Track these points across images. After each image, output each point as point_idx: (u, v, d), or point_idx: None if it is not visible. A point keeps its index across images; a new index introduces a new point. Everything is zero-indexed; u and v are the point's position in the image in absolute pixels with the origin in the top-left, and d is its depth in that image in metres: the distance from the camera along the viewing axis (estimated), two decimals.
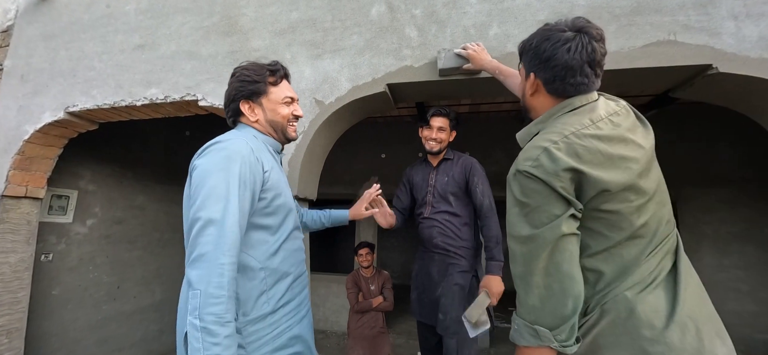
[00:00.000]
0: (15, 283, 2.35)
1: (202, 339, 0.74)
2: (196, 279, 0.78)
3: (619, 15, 1.54)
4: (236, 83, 1.10)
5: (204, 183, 0.87)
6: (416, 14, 1.74)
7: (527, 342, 0.75)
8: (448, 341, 1.74)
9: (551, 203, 0.73)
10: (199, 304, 0.76)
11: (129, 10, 2.26)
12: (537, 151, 0.76)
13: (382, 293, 2.79)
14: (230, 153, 0.92)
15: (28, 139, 2.31)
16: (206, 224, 0.83)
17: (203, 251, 0.80)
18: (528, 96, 0.91)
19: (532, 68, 0.87)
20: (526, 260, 0.75)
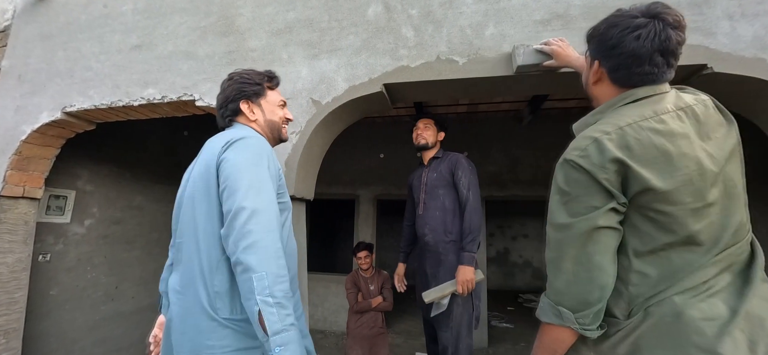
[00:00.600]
0: (12, 283, 2.35)
1: (277, 313, 0.81)
2: (257, 263, 0.82)
3: None
4: (236, 85, 1.16)
5: (241, 175, 0.91)
6: (412, 14, 1.74)
7: (549, 320, 0.79)
8: (444, 335, 1.80)
9: (592, 194, 0.73)
10: (268, 284, 0.81)
11: (126, 10, 2.26)
12: (586, 142, 0.75)
13: (382, 293, 2.79)
14: (258, 149, 0.98)
15: (25, 140, 2.31)
16: (253, 213, 0.86)
17: (258, 238, 0.84)
18: (590, 84, 0.89)
19: (596, 55, 0.85)
20: (558, 246, 0.76)
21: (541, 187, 4.45)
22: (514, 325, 5.38)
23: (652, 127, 0.73)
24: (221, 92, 1.18)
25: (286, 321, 0.81)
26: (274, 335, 0.79)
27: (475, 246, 1.79)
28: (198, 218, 0.96)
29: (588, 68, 0.90)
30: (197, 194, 0.98)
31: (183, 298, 0.96)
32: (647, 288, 0.73)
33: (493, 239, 8.29)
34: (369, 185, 4.96)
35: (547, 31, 1.58)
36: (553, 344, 0.80)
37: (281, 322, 0.80)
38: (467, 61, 1.64)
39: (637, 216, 0.73)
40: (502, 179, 4.55)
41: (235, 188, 0.89)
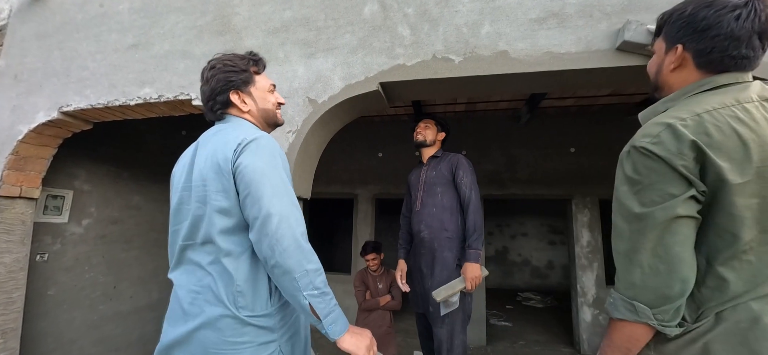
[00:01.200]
0: (10, 283, 2.35)
1: (324, 300, 0.91)
2: (296, 265, 0.89)
3: (610, 13, 1.55)
4: (221, 75, 1.09)
5: (263, 181, 0.92)
6: (409, 13, 1.74)
7: (622, 316, 0.73)
8: (437, 330, 1.82)
9: (668, 181, 0.68)
10: (311, 280, 0.89)
11: (122, 9, 2.25)
12: (659, 128, 0.71)
13: (390, 292, 2.80)
14: (272, 149, 0.99)
15: (22, 139, 2.31)
16: (282, 218, 0.90)
17: (290, 242, 0.89)
18: (667, 72, 0.83)
19: (679, 39, 0.79)
20: (632, 237, 0.72)
21: (539, 185, 4.46)
22: (513, 323, 5.39)
23: (734, 115, 0.68)
24: (205, 83, 1.11)
25: (331, 303, 0.92)
26: (326, 317, 0.91)
27: (480, 243, 1.82)
28: (214, 221, 0.95)
29: (662, 55, 0.85)
30: (211, 196, 0.96)
31: (199, 296, 0.96)
32: (722, 292, 0.69)
33: (492, 238, 8.30)
34: (367, 184, 4.96)
35: (543, 30, 1.59)
36: (627, 343, 0.75)
37: (328, 305, 0.91)
38: (463, 59, 1.64)
39: (715, 212, 0.69)
40: (500, 177, 4.55)
41: (259, 194, 0.91)
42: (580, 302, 4.23)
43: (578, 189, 4.35)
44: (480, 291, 4.43)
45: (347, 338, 0.94)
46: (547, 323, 5.46)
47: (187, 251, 1.01)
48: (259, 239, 0.91)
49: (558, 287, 7.59)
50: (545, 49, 1.57)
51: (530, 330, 5.10)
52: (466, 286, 1.76)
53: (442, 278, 1.86)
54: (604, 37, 1.53)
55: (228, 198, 0.95)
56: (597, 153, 4.35)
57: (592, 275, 4.25)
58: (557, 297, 6.89)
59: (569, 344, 4.51)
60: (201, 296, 0.96)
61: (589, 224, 4.31)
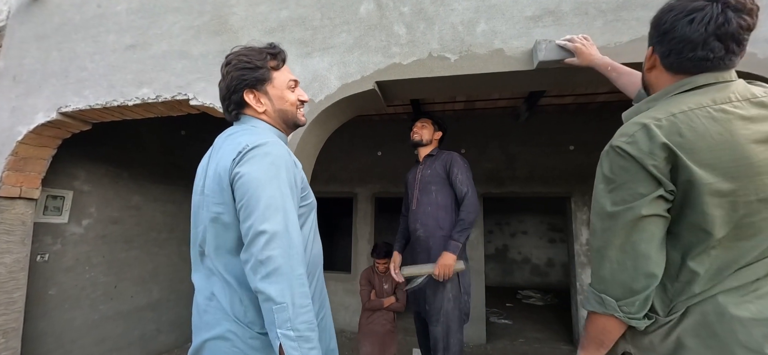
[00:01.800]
0: (11, 283, 2.37)
1: (299, 347, 0.77)
2: (278, 293, 0.78)
3: (606, 10, 1.55)
4: (236, 72, 1.00)
5: (258, 194, 0.83)
6: (404, 12, 1.75)
7: (593, 308, 0.79)
8: (434, 329, 1.82)
9: (638, 181, 0.71)
10: (290, 316, 0.77)
11: (120, 10, 2.26)
12: (634, 128, 0.73)
13: (395, 293, 2.81)
14: (275, 159, 0.88)
15: (21, 140, 2.32)
16: (272, 237, 0.80)
17: (278, 265, 0.79)
18: (645, 71, 0.87)
19: (651, 41, 0.84)
20: (604, 235, 0.75)
21: (538, 183, 4.46)
22: (513, 321, 5.40)
23: (709, 115, 0.70)
24: (222, 80, 1.03)
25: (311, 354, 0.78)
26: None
27: (463, 237, 1.81)
28: (219, 233, 0.90)
29: (648, 54, 0.88)
30: (214, 208, 0.90)
31: (210, 306, 0.92)
32: (693, 286, 0.72)
33: (492, 236, 8.31)
34: (367, 183, 4.97)
35: (538, 27, 1.59)
36: (600, 335, 0.80)
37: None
38: (459, 57, 1.64)
39: (688, 210, 0.71)
40: (499, 175, 4.55)
41: (252, 208, 0.82)
42: (580, 299, 4.23)
43: (577, 187, 4.35)
44: (479, 289, 4.44)
45: None
46: (547, 320, 5.47)
47: (203, 256, 0.97)
48: (246, 259, 0.83)
49: (558, 285, 7.60)
50: None
51: (530, 328, 5.11)
52: (435, 271, 1.77)
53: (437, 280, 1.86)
54: (598, 34, 1.53)
55: (228, 212, 0.88)
56: (596, 151, 4.32)
57: None
58: (557, 295, 6.89)
59: (569, 341, 4.51)
60: (213, 306, 0.91)
61: (588, 222, 4.31)
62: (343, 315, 4.83)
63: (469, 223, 1.81)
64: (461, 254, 1.96)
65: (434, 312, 1.85)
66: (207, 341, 0.90)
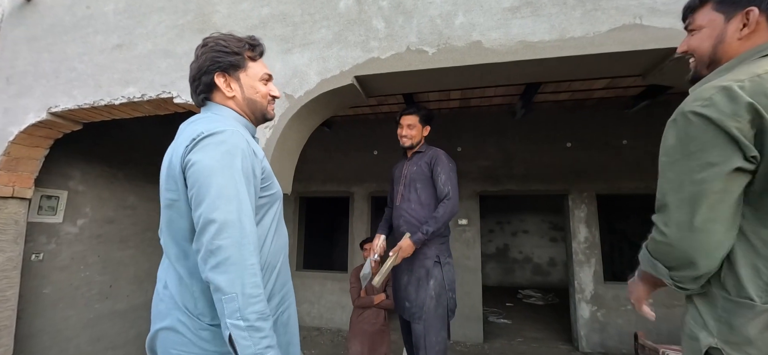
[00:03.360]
0: (3, 282, 2.40)
1: (250, 337, 0.76)
2: (227, 283, 0.76)
3: (585, 0, 1.52)
4: (211, 54, 0.97)
5: (209, 182, 0.81)
6: (383, 6, 1.74)
7: (645, 268, 0.81)
8: (415, 327, 1.79)
9: (714, 148, 0.66)
10: (239, 306, 0.76)
11: (108, 10, 2.28)
12: (711, 91, 0.68)
13: (386, 291, 2.79)
14: (230, 147, 0.85)
15: (13, 141, 2.35)
16: (223, 226, 0.79)
17: (227, 255, 0.78)
18: (732, 40, 0.78)
19: (748, 3, 0.75)
20: (669, 205, 0.71)
21: (535, 181, 4.41)
22: (512, 321, 5.35)
23: None
24: (194, 61, 1.00)
25: (260, 344, 0.77)
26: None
27: (430, 230, 1.77)
28: (172, 222, 0.89)
29: (719, 26, 0.80)
30: (167, 195, 0.89)
31: (164, 295, 0.91)
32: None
33: (493, 235, 8.24)
34: (363, 182, 4.96)
35: (516, 19, 1.57)
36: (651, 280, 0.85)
37: (254, 346, 0.76)
38: (437, 51, 1.63)
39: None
40: (496, 173, 4.52)
41: (202, 197, 0.80)
42: (578, 298, 4.18)
43: (575, 184, 4.30)
44: (476, 289, 4.40)
45: None
46: (547, 320, 5.41)
47: (164, 246, 0.95)
48: (197, 248, 0.81)
49: (560, 284, 7.51)
50: (519, 38, 1.55)
51: (529, 327, 5.05)
52: (396, 260, 1.79)
53: (419, 274, 1.84)
54: (577, 24, 1.51)
55: (179, 199, 0.86)
56: (593, 147, 4.29)
57: (590, 270, 4.20)
58: (559, 294, 6.81)
59: (568, 340, 4.45)
60: (166, 295, 0.90)
61: (586, 220, 4.25)
62: (340, 315, 4.82)
63: (440, 221, 1.78)
64: (444, 250, 1.94)
65: (416, 309, 1.82)
66: (159, 331, 0.89)
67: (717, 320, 0.70)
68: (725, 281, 0.70)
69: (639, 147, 4.13)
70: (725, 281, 0.70)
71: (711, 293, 0.73)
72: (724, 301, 0.70)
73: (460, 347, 4.23)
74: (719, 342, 0.69)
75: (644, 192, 4.09)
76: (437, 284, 1.82)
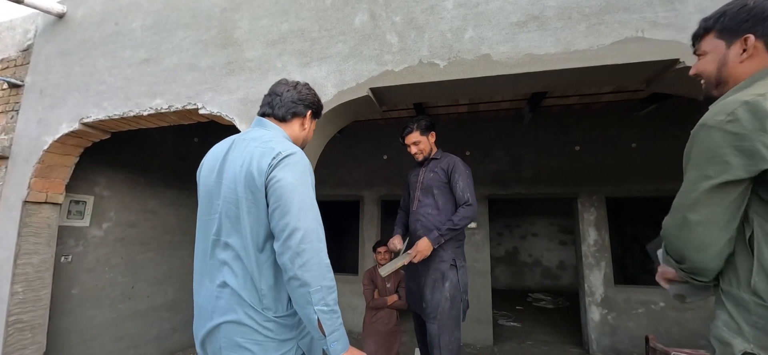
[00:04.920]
0: (37, 282, 2.55)
1: (331, 317, 0.96)
2: (313, 279, 0.95)
3: (589, 14, 1.60)
4: (313, 97, 1.26)
5: (293, 196, 0.98)
6: (396, 21, 1.84)
7: (658, 260, 0.91)
8: (430, 326, 1.86)
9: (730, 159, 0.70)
10: (323, 296, 0.95)
11: (135, 27, 2.43)
12: (734, 105, 0.71)
13: (398, 292, 2.87)
14: (305, 166, 1.05)
15: (47, 149, 2.51)
16: (306, 234, 0.96)
17: (311, 256, 0.95)
18: (734, 64, 0.85)
19: (747, 30, 0.82)
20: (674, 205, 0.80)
21: (544, 184, 4.45)
22: (522, 324, 5.37)
23: None
24: (294, 88, 1.23)
25: (337, 322, 0.97)
26: (331, 334, 0.95)
27: (447, 234, 1.85)
28: (244, 226, 1.01)
29: (722, 51, 0.87)
30: (243, 203, 1.02)
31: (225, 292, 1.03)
32: None
33: (502, 239, 8.25)
34: (373, 186, 5.06)
35: (523, 33, 1.65)
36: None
37: (334, 323, 0.96)
38: (448, 63, 1.72)
39: None
40: (504, 177, 4.57)
41: (287, 208, 0.97)
42: (588, 301, 4.19)
43: (584, 187, 4.32)
44: (486, 291, 4.45)
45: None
46: (557, 323, 5.42)
47: (217, 246, 1.06)
48: (283, 250, 0.96)
49: (570, 288, 7.48)
50: (526, 51, 1.64)
51: (539, 330, 5.07)
52: (411, 254, 1.86)
53: (435, 276, 1.91)
54: (582, 37, 1.58)
55: (257, 207, 1.01)
56: (602, 150, 4.31)
57: (600, 274, 4.21)
58: (569, 298, 6.80)
59: (578, 344, 4.46)
60: (225, 293, 1.02)
61: (595, 223, 4.28)
62: (351, 316, 4.91)
63: (459, 225, 1.85)
64: (460, 254, 2.01)
65: (431, 310, 1.89)
66: (222, 324, 1.01)
67: (752, 325, 0.71)
68: (757, 287, 0.71)
69: (648, 150, 4.14)
70: (756, 286, 0.71)
71: (742, 298, 0.74)
72: (757, 307, 0.70)
73: (470, 349, 4.28)
74: (756, 348, 0.70)
75: (654, 194, 4.09)
76: (452, 287, 1.89)
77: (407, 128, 2.09)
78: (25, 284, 2.47)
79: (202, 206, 1.13)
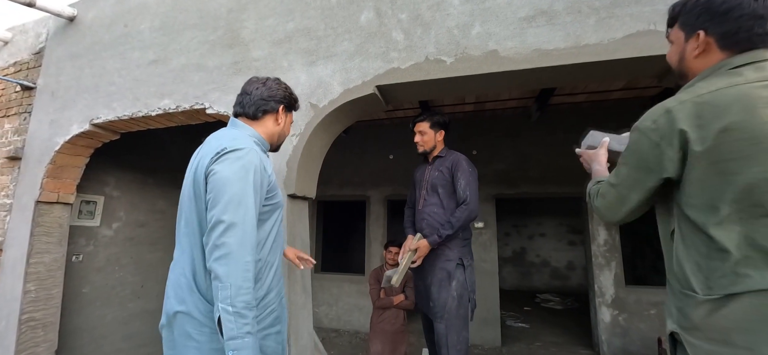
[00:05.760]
0: (49, 280, 2.59)
1: (235, 321, 0.91)
2: (224, 274, 0.91)
3: (599, 7, 1.57)
4: (283, 91, 1.25)
5: (224, 190, 0.97)
6: (402, 18, 1.83)
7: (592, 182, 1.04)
8: (438, 325, 1.85)
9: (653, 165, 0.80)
10: (230, 294, 0.91)
11: (144, 28, 2.45)
12: (659, 112, 0.78)
13: (404, 292, 2.86)
14: (246, 163, 1.02)
15: (58, 150, 2.55)
16: (229, 227, 0.94)
17: (229, 250, 0.93)
18: (690, 58, 0.86)
19: (700, 25, 0.82)
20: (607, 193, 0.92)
21: (551, 183, 4.39)
22: (530, 325, 5.30)
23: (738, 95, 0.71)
24: (263, 85, 1.22)
25: (243, 330, 0.91)
26: (229, 341, 0.90)
27: (444, 233, 1.84)
28: (192, 220, 1.05)
29: (682, 43, 0.88)
30: (191, 197, 1.06)
31: (181, 282, 1.06)
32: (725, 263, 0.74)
33: (509, 239, 8.18)
34: (379, 186, 5.05)
35: (532, 28, 1.63)
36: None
37: (238, 330, 0.90)
38: (454, 60, 1.70)
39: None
40: (511, 176, 4.52)
41: (217, 201, 0.97)
42: (598, 302, 4.13)
43: None
44: (493, 291, 4.41)
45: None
46: (566, 324, 5.34)
47: (179, 240, 1.12)
48: (207, 241, 0.97)
49: (579, 289, 7.38)
50: (534, 47, 1.61)
51: (548, 331, 5.00)
52: (416, 261, 1.87)
53: (442, 276, 1.90)
54: (592, 31, 1.55)
55: (198, 200, 1.03)
56: None
57: (610, 274, 4.14)
58: (578, 299, 6.70)
59: (588, 345, 4.40)
60: (182, 282, 1.05)
61: (606, 223, 4.21)
62: (358, 317, 4.90)
63: (456, 225, 1.84)
64: (466, 253, 1.99)
65: (438, 309, 1.88)
66: (178, 314, 1.04)
67: (677, 308, 0.81)
68: (679, 276, 0.81)
69: None
70: (679, 275, 0.81)
71: (671, 284, 0.84)
72: (678, 293, 0.81)
73: (478, 350, 4.24)
74: (677, 327, 0.81)
75: None
76: (459, 286, 1.88)
77: (421, 115, 2.11)
78: (38, 282, 2.50)
79: (180, 203, 1.17)
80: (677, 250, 0.82)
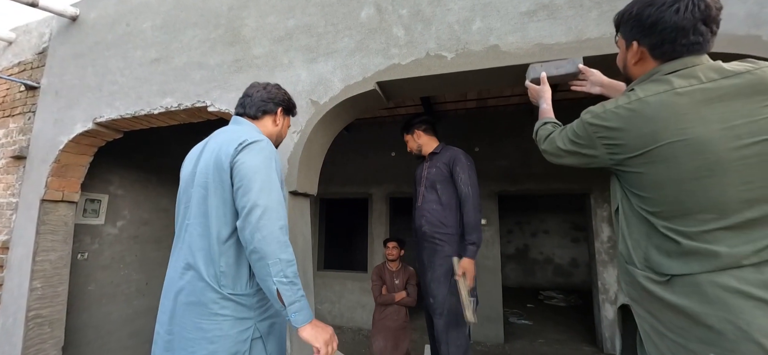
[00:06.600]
0: (55, 278, 2.62)
1: (291, 288, 1.01)
2: (271, 252, 1.00)
3: (601, 1, 1.55)
4: (283, 95, 1.37)
5: (255, 177, 1.05)
6: (403, 14, 1.82)
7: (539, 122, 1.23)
8: (437, 321, 1.86)
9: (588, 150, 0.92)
10: (282, 268, 1.00)
11: (146, 27, 2.46)
12: (600, 109, 0.89)
13: (406, 289, 2.87)
14: (269, 153, 1.13)
15: (63, 149, 2.57)
16: (266, 210, 1.02)
17: (269, 231, 1.01)
18: (631, 65, 0.93)
19: (633, 36, 0.88)
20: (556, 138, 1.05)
21: (555, 180, 4.37)
22: (533, 322, 5.30)
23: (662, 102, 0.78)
24: (264, 88, 1.34)
25: (298, 294, 1.02)
26: (291, 305, 1.00)
27: (474, 237, 1.84)
28: (210, 207, 1.09)
29: (624, 51, 0.94)
30: (211, 185, 1.10)
31: (188, 273, 1.10)
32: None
33: (512, 236, 8.16)
34: (381, 184, 5.05)
35: (533, 22, 1.61)
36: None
37: (294, 295, 1.01)
38: (455, 55, 1.69)
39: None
40: (514, 173, 4.50)
41: (250, 187, 1.04)
42: (602, 299, 4.11)
43: (597, 183, 4.24)
44: (496, 289, 4.40)
45: (308, 329, 1.03)
46: (569, 321, 5.33)
47: (186, 229, 1.14)
48: (244, 225, 1.03)
49: (582, 286, 7.35)
50: (536, 41, 1.60)
51: (551, 328, 4.99)
52: (469, 284, 1.81)
53: (441, 272, 1.90)
54: (594, 26, 1.54)
55: (223, 188, 1.08)
56: None
57: (614, 271, 4.12)
58: (581, 296, 6.68)
59: (592, 342, 4.39)
60: (189, 272, 1.09)
61: (609, 219, 4.19)
62: (360, 314, 4.92)
63: (474, 224, 1.84)
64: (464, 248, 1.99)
65: (438, 305, 1.88)
66: (184, 304, 1.08)
67: (626, 283, 0.90)
68: (624, 253, 0.89)
69: None
70: (623, 251, 0.90)
71: (621, 262, 0.92)
72: (624, 267, 0.90)
73: (481, 347, 4.24)
74: (628, 300, 0.91)
75: None
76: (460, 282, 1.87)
77: (406, 125, 2.23)
78: (44, 280, 2.53)
79: (180, 197, 1.22)
80: (622, 226, 0.89)
